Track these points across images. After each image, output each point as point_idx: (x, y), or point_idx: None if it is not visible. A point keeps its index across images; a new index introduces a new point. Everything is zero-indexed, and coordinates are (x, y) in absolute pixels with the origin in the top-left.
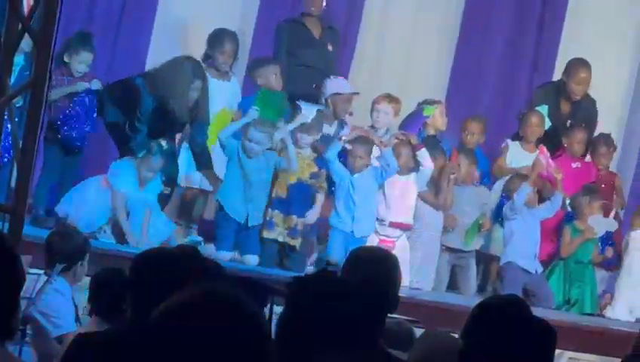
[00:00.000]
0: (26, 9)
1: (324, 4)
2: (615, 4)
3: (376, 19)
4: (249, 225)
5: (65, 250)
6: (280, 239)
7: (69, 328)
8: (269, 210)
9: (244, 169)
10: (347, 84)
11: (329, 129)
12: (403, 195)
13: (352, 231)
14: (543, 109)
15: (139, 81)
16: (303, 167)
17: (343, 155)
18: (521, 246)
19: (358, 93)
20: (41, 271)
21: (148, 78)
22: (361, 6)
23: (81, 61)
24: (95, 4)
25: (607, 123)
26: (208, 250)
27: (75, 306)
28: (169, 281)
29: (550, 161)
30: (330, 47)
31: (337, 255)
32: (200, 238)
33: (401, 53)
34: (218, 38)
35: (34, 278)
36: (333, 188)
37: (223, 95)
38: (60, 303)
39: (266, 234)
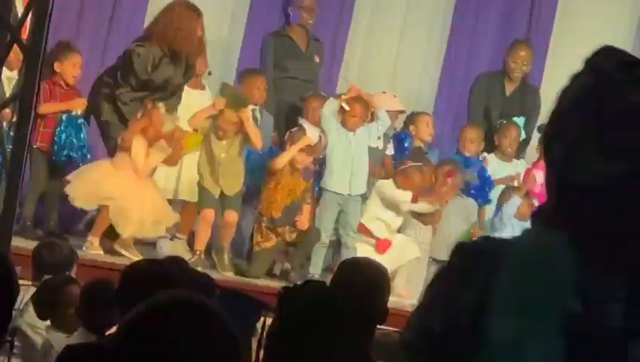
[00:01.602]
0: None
1: (314, 15)
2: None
3: (364, 30)
4: (225, 194)
5: (52, 260)
6: (272, 244)
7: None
8: (264, 227)
9: (213, 146)
10: (397, 100)
11: (377, 142)
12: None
13: (348, 193)
14: (520, 121)
15: None
16: (296, 188)
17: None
18: None
19: (404, 111)
20: (29, 283)
21: None
22: (348, 21)
23: (73, 64)
24: (83, 14)
25: None
26: None
27: None
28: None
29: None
30: (316, 59)
31: (329, 219)
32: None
33: (389, 64)
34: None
35: (22, 289)
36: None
37: (198, 105)
38: None
39: (264, 245)
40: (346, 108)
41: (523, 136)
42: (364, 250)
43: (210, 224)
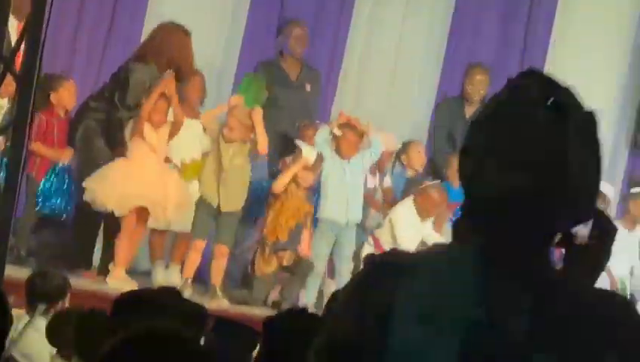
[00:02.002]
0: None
1: (305, 46)
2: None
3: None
4: (221, 210)
5: (45, 290)
6: (272, 269)
7: None
8: (267, 250)
9: (219, 151)
10: (394, 139)
11: (373, 181)
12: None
13: (345, 222)
14: None
15: None
16: (300, 209)
17: None
18: None
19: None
20: (22, 312)
21: None
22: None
23: (69, 91)
24: (77, 43)
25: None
26: None
27: None
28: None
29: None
30: (307, 88)
31: (324, 249)
32: None
33: (384, 83)
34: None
35: (15, 319)
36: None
37: (193, 132)
38: (41, 344)
39: (265, 271)
40: (338, 133)
41: None
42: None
43: (201, 252)
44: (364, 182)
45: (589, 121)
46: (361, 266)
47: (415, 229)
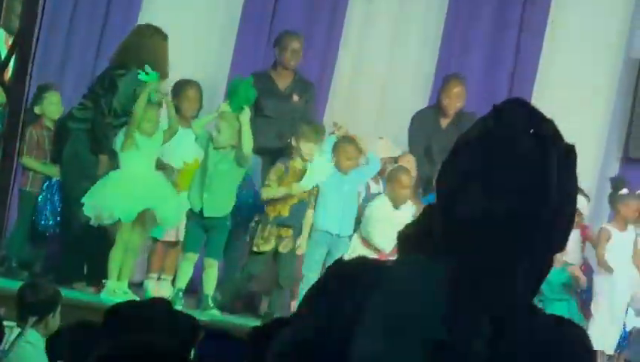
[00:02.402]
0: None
1: (300, 59)
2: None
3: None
4: (204, 215)
5: (36, 301)
6: (281, 249)
7: None
8: (268, 226)
9: (206, 160)
10: (392, 146)
11: (376, 187)
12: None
13: (337, 233)
14: None
15: None
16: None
17: None
18: None
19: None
20: (13, 324)
21: None
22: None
23: (51, 103)
24: (68, 56)
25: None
26: None
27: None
28: (142, 334)
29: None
30: (295, 98)
31: (317, 258)
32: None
33: (377, 90)
34: (181, 86)
35: (6, 330)
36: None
37: (190, 143)
38: (32, 356)
39: (263, 247)
40: (337, 143)
41: None
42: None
43: (193, 264)
44: (366, 188)
45: (570, 154)
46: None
47: (387, 221)
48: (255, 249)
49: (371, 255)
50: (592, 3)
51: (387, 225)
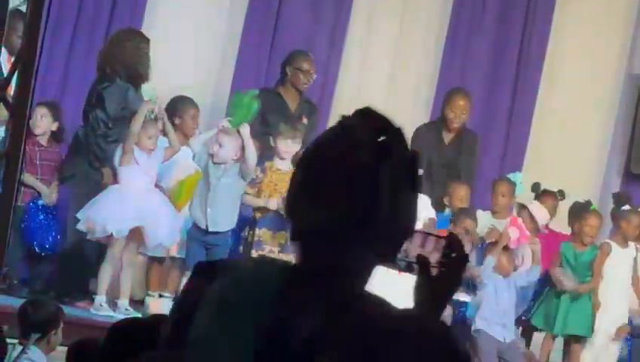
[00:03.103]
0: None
1: (311, 80)
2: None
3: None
4: (209, 230)
5: (38, 318)
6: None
7: None
8: (256, 229)
9: (208, 173)
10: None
11: None
12: None
13: None
14: (516, 177)
15: None
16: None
17: None
18: (489, 316)
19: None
20: (15, 341)
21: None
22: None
23: (42, 115)
24: (69, 72)
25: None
26: None
27: None
28: (141, 351)
29: (525, 231)
30: (304, 120)
31: None
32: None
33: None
34: (181, 104)
35: (9, 348)
36: None
37: (186, 155)
38: None
39: (253, 254)
40: None
41: (522, 190)
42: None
43: None
44: None
45: (409, 164)
46: None
47: None
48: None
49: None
50: (593, 21)
51: None
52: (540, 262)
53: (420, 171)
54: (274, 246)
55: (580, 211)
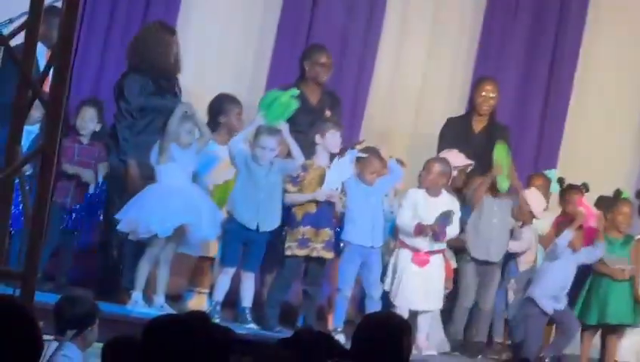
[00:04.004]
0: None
1: (330, 73)
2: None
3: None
4: (259, 230)
5: (74, 315)
6: (314, 254)
7: None
8: (300, 227)
9: (253, 175)
10: (463, 156)
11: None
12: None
13: (371, 246)
14: (551, 174)
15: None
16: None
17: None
18: (549, 287)
19: (472, 164)
20: (50, 337)
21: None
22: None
23: (82, 118)
24: (104, 68)
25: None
26: None
27: None
28: (179, 348)
29: (591, 210)
30: (327, 113)
31: (351, 272)
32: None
33: (412, 102)
34: (232, 102)
35: (45, 344)
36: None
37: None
38: None
39: (298, 252)
40: (363, 155)
41: (555, 189)
42: (403, 258)
43: (230, 277)
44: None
45: None
46: None
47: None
48: (288, 253)
49: (410, 255)
50: (628, 19)
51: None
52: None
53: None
54: (317, 244)
55: (611, 201)
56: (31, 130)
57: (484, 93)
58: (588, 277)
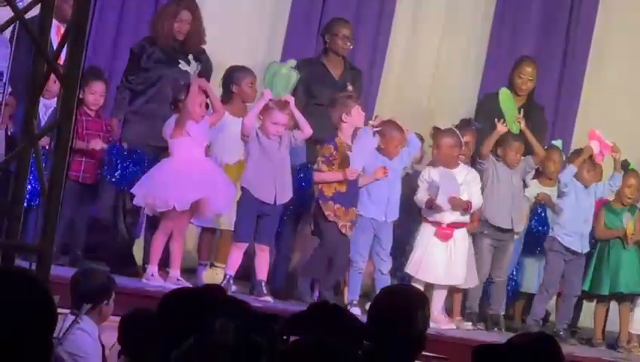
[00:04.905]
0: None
1: (351, 45)
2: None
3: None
4: (276, 203)
5: (90, 289)
6: (343, 231)
7: None
8: (330, 203)
9: (266, 150)
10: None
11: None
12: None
13: (384, 220)
14: (558, 143)
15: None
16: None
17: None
18: (568, 224)
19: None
20: (67, 311)
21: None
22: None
23: (92, 92)
24: (119, 42)
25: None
26: None
27: (102, 346)
28: (195, 321)
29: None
30: (349, 88)
31: (365, 245)
32: None
33: (428, 77)
34: (243, 71)
35: (60, 318)
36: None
37: (237, 132)
38: (87, 343)
39: (339, 220)
40: (381, 129)
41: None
42: (427, 233)
43: (243, 251)
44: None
45: None
46: None
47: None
48: (331, 219)
49: (433, 230)
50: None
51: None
52: (620, 170)
53: None
54: (346, 222)
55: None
56: (50, 105)
57: (522, 75)
58: (595, 248)
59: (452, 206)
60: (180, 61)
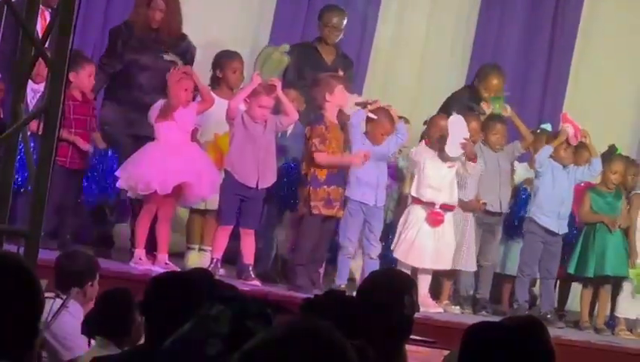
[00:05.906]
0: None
1: (341, 35)
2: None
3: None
4: (258, 188)
5: (74, 271)
6: (340, 215)
7: (81, 351)
8: (325, 187)
9: (251, 134)
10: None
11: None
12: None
13: (374, 204)
14: (547, 126)
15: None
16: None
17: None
18: (544, 203)
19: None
20: (52, 294)
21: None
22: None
23: (89, 74)
24: (107, 26)
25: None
26: None
27: None
28: (183, 304)
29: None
30: (341, 73)
31: (354, 229)
32: None
33: (415, 65)
34: (227, 57)
35: (47, 303)
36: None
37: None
38: (72, 325)
39: (325, 212)
40: (373, 117)
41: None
42: (416, 216)
43: (228, 234)
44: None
45: None
46: None
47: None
48: (316, 211)
49: (424, 212)
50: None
51: (436, 180)
52: (599, 156)
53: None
54: (337, 202)
55: (604, 157)
56: (38, 90)
57: (488, 89)
58: (581, 231)
59: (464, 150)
60: (159, 50)
